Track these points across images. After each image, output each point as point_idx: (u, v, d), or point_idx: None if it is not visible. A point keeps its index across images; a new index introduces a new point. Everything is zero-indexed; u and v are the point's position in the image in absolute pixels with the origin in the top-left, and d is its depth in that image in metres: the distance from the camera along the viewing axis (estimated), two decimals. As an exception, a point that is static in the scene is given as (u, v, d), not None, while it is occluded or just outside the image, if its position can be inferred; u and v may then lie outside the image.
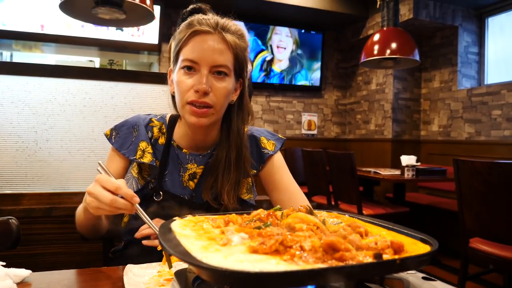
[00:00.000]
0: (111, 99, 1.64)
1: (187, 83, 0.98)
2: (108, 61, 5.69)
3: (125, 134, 1.09)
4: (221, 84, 0.99)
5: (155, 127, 1.12)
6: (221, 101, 1.00)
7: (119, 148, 1.08)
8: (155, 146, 1.10)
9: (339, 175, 3.42)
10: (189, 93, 0.98)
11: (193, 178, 1.10)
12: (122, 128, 1.10)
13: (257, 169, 1.15)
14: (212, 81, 0.98)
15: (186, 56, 0.99)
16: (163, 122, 1.13)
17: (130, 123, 1.11)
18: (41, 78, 1.58)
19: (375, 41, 3.52)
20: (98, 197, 0.81)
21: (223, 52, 0.99)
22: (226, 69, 1.00)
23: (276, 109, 5.48)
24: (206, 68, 0.98)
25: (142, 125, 1.11)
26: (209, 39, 0.98)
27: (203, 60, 0.97)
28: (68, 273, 0.87)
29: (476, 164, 2.21)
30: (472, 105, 4.32)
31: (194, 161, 1.10)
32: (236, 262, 0.42)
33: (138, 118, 1.13)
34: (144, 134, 1.09)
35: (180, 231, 0.58)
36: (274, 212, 0.65)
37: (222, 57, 0.99)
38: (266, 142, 1.17)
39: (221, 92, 0.99)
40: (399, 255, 0.48)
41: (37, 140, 1.57)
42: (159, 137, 1.11)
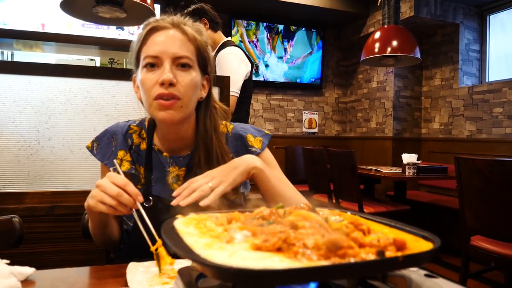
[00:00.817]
0: (112, 97, 1.64)
1: (152, 78, 0.96)
2: (108, 60, 5.69)
3: (105, 145, 1.09)
4: (186, 76, 0.98)
5: (134, 134, 1.11)
6: (188, 92, 0.98)
7: (101, 159, 1.08)
8: (138, 152, 1.09)
9: (340, 173, 3.42)
10: (155, 88, 0.96)
11: (176, 180, 1.08)
12: (102, 138, 1.10)
13: None
14: (177, 74, 0.97)
15: (147, 53, 0.98)
16: (142, 127, 1.12)
17: (109, 132, 1.11)
18: (42, 77, 1.59)
19: (375, 39, 3.51)
20: (106, 189, 0.83)
21: (184, 44, 0.99)
22: (189, 60, 0.99)
23: (276, 107, 5.48)
24: (169, 61, 0.96)
25: (120, 133, 1.10)
26: (167, 33, 0.99)
27: (164, 54, 0.96)
28: (71, 271, 0.88)
29: (477, 162, 2.21)
30: (473, 103, 4.32)
31: (175, 163, 1.09)
32: (240, 259, 0.43)
33: (117, 126, 1.11)
34: (122, 142, 1.08)
35: (183, 229, 0.59)
36: (277, 209, 0.65)
37: (183, 48, 0.98)
38: (253, 139, 1.15)
39: (187, 83, 0.97)
40: (402, 252, 0.48)
41: (39, 139, 1.58)
42: (140, 142, 1.10)
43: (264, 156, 1.14)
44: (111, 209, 0.85)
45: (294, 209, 0.68)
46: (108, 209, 0.85)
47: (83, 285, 0.80)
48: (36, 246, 1.41)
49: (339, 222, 0.64)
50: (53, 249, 1.43)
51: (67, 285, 0.80)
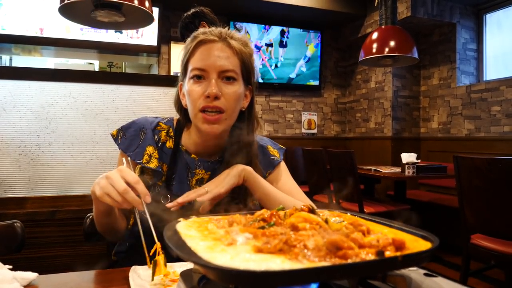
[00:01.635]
0: (112, 102, 1.65)
1: (198, 91, 1.00)
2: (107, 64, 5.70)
3: (132, 136, 1.10)
4: (230, 88, 1.02)
5: (162, 131, 1.13)
6: (232, 105, 1.02)
7: (125, 150, 1.08)
8: (162, 149, 1.11)
9: (339, 173, 3.43)
10: (200, 100, 1.00)
11: (200, 183, 1.10)
12: (129, 129, 1.11)
13: (264, 176, 1.15)
14: (222, 86, 1.01)
15: (194, 65, 1.01)
16: (170, 125, 1.14)
17: (138, 125, 1.12)
18: (42, 82, 1.60)
19: (373, 39, 3.53)
20: (114, 182, 0.83)
21: (229, 57, 1.02)
22: (234, 74, 1.02)
23: (276, 109, 5.49)
24: (215, 74, 1.00)
25: (149, 128, 1.11)
26: (214, 46, 1.02)
27: (211, 67, 1.00)
28: (73, 275, 0.88)
29: (476, 161, 2.22)
30: (471, 102, 4.33)
31: (202, 166, 1.11)
32: (242, 261, 0.43)
33: (145, 120, 1.13)
34: (151, 138, 1.10)
35: (185, 232, 0.59)
36: (277, 212, 0.66)
37: (228, 62, 1.01)
38: (273, 150, 1.21)
39: (231, 96, 1.01)
40: (401, 252, 0.49)
41: (40, 144, 1.58)
42: (167, 140, 1.12)
43: (282, 166, 1.21)
44: (116, 203, 0.86)
45: (294, 210, 0.69)
46: (113, 203, 0.86)
47: (86, 289, 0.80)
48: (37, 250, 1.42)
49: (339, 223, 0.65)
50: (54, 253, 1.44)
51: (70, 289, 0.80)
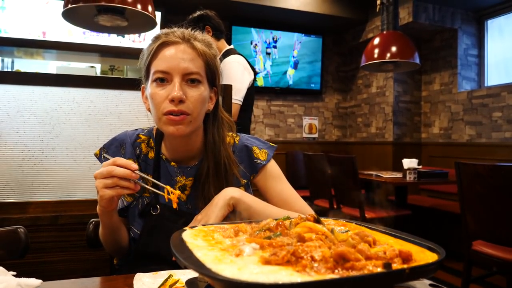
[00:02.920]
0: (116, 107, 1.66)
1: (161, 94, 0.98)
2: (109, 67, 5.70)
3: (114, 153, 1.10)
4: (195, 91, 1.00)
5: (142, 143, 1.12)
6: (197, 108, 1.00)
7: None
8: (146, 161, 1.11)
9: (341, 178, 3.43)
10: (164, 103, 0.98)
11: (183, 190, 1.10)
12: (110, 146, 1.12)
13: (247, 178, 1.15)
14: (186, 89, 0.99)
15: (157, 68, 0.99)
16: (150, 136, 1.14)
17: (118, 141, 1.12)
18: (46, 87, 1.60)
19: (375, 44, 3.54)
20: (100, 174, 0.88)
21: (194, 59, 1.00)
22: (199, 76, 1.01)
23: (277, 113, 5.50)
24: (179, 77, 0.98)
25: (129, 142, 1.11)
26: (177, 48, 1.00)
27: (175, 70, 0.98)
28: (78, 282, 0.88)
29: (478, 167, 2.22)
30: (473, 107, 4.34)
31: (182, 173, 1.10)
32: (250, 273, 0.44)
33: (125, 135, 1.13)
34: (130, 152, 1.10)
35: (192, 241, 0.60)
36: (283, 221, 0.66)
37: (192, 64, 0.99)
38: (259, 151, 1.17)
39: (196, 99, 0.99)
40: (408, 264, 0.49)
41: (43, 149, 1.59)
42: (148, 151, 1.12)
43: (270, 168, 1.16)
44: (116, 189, 0.89)
45: (300, 220, 0.69)
46: (115, 191, 0.89)
47: (90, 296, 0.80)
48: (40, 256, 1.42)
49: (344, 233, 0.65)
50: (57, 258, 1.44)
51: (74, 297, 0.80)
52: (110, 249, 1.10)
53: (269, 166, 1.16)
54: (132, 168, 0.89)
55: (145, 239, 1.05)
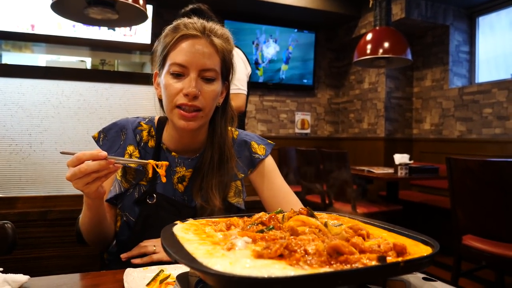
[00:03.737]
0: (106, 100, 1.63)
1: (176, 87, 0.98)
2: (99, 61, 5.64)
3: (113, 137, 1.10)
4: (209, 87, 1.00)
5: (144, 131, 1.12)
6: (209, 104, 1.02)
7: (106, 151, 1.07)
8: (145, 149, 1.11)
9: (333, 174, 3.43)
10: (178, 96, 0.98)
11: (181, 181, 1.10)
12: (110, 131, 1.11)
13: (245, 173, 1.16)
14: (201, 85, 0.99)
15: (174, 60, 0.99)
16: (151, 125, 1.14)
17: (119, 126, 1.11)
18: (34, 80, 1.57)
19: (367, 40, 3.54)
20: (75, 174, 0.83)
21: (211, 56, 1.00)
22: (214, 73, 1.01)
23: (269, 108, 5.49)
24: (195, 72, 0.98)
25: (130, 128, 1.11)
26: (197, 43, 0.99)
27: (192, 64, 0.98)
28: (66, 277, 0.87)
29: (469, 163, 2.23)
30: (464, 104, 4.37)
31: (183, 164, 1.11)
32: (242, 267, 0.42)
33: (126, 121, 1.13)
34: (132, 138, 1.10)
35: (183, 235, 0.58)
36: (276, 215, 0.65)
37: (210, 61, 0.99)
38: (257, 146, 1.19)
39: (210, 95, 1.00)
40: (402, 257, 0.49)
41: (31, 143, 1.56)
42: (148, 140, 1.12)
43: (267, 163, 1.18)
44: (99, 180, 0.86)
45: (292, 213, 0.68)
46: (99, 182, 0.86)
47: (79, 292, 0.79)
48: (29, 251, 1.39)
49: (337, 226, 0.65)
50: (46, 254, 1.41)
51: (63, 292, 0.79)
52: (94, 240, 1.08)
53: (267, 161, 1.18)
54: (101, 157, 0.85)
55: (139, 228, 1.06)
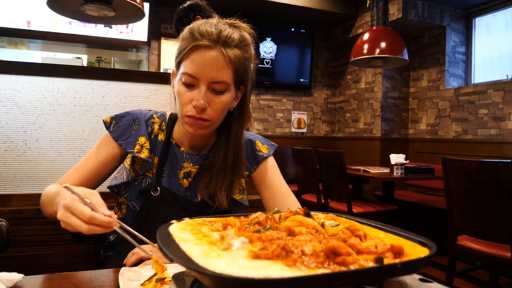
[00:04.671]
0: (102, 98, 1.62)
1: (187, 96, 0.99)
2: (96, 58, 5.61)
3: (125, 126, 1.10)
4: (219, 98, 1.00)
5: (155, 124, 1.14)
6: (218, 115, 1.02)
7: (116, 138, 1.09)
8: (155, 142, 1.12)
9: (329, 173, 3.44)
10: (188, 106, 0.99)
11: (187, 176, 1.12)
12: (122, 119, 1.12)
13: (249, 171, 1.18)
14: (211, 96, 0.99)
15: (186, 70, 0.99)
16: (163, 119, 1.16)
17: (132, 115, 1.12)
18: (30, 77, 1.56)
19: (364, 40, 3.54)
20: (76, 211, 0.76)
21: (223, 69, 0.98)
22: (225, 85, 1.00)
23: (265, 107, 5.49)
24: (205, 84, 0.98)
25: (143, 120, 1.12)
26: (209, 54, 0.97)
27: (202, 76, 0.97)
28: (61, 276, 0.86)
29: (464, 163, 2.24)
30: (459, 104, 4.39)
31: (190, 160, 1.12)
32: (239, 268, 0.42)
33: (140, 112, 1.14)
34: (144, 129, 1.11)
35: (179, 235, 0.58)
36: (273, 215, 0.65)
37: (221, 74, 0.98)
38: (261, 145, 1.21)
39: (219, 106, 1.01)
40: (400, 258, 0.49)
41: (26, 140, 1.55)
42: (159, 133, 1.14)
43: (270, 162, 1.20)
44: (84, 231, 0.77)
45: (289, 213, 0.68)
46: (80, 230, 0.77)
47: (74, 291, 0.78)
48: (23, 249, 1.38)
49: (334, 227, 0.64)
50: (41, 252, 1.40)
51: (57, 291, 0.78)
52: None
53: (270, 161, 1.20)
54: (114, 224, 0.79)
55: (142, 218, 1.07)
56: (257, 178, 1.18)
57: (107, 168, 1.10)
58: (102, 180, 1.12)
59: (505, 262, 2.10)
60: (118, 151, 1.10)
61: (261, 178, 1.18)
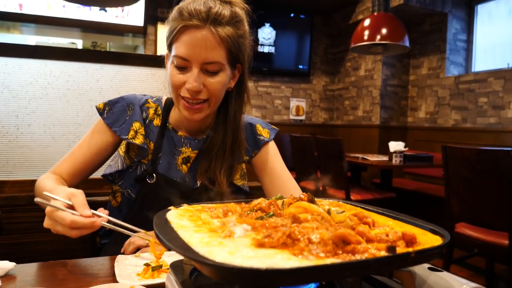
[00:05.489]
0: (96, 82, 1.57)
1: (179, 78, 0.96)
2: (91, 44, 5.52)
3: (119, 111, 1.07)
4: (214, 79, 0.96)
5: (150, 108, 1.10)
6: (216, 94, 0.98)
7: (110, 124, 1.05)
8: (149, 127, 1.09)
9: (327, 160, 3.42)
10: (182, 89, 0.96)
11: (186, 162, 1.09)
12: (116, 104, 1.08)
13: (250, 156, 1.15)
14: (205, 78, 0.96)
15: (177, 52, 0.95)
16: (159, 104, 1.12)
17: (126, 101, 1.08)
18: (21, 59, 1.50)
19: (365, 26, 3.48)
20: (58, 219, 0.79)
21: (214, 49, 0.94)
22: (218, 65, 0.96)
23: (264, 94, 5.43)
24: (197, 65, 0.94)
25: (137, 105, 1.08)
26: (199, 34, 0.92)
27: (193, 58, 0.93)
28: (54, 264, 0.83)
29: (465, 151, 2.22)
30: (459, 93, 4.35)
31: (189, 145, 1.09)
32: (243, 258, 0.39)
33: (134, 97, 1.10)
34: (138, 114, 1.07)
35: (177, 222, 0.55)
36: (276, 201, 0.62)
37: (212, 54, 0.94)
38: (262, 129, 1.17)
39: (215, 87, 0.97)
40: (412, 247, 0.46)
41: (19, 125, 1.50)
42: (154, 118, 1.10)
43: (271, 146, 1.17)
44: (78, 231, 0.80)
45: (293, 199, 0.65)
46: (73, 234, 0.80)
47: (68, 281, 0.75)
48: (16, 237, 1.35)
49: (339, 214, 0.61)
50: (35, 240, 1.37)
51: (50, 281, 0.75)
52: None
53: (271, 145, 1.17)
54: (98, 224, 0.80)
55: (138, 206, 1.04)
56: (258, 163, 1.15)
57: (101, 155, 1.07)
58: (96, 167, 1.09)
59: (503, 250, 2.09)
60: (112, 139, 1.06)
61: (262, 163, 1.15)
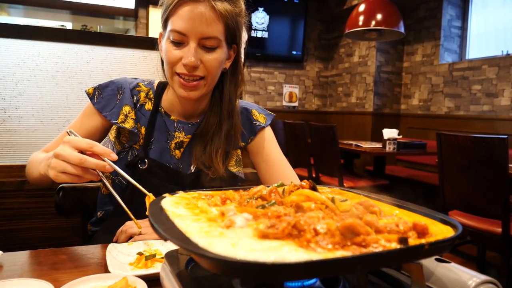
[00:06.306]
0: (86, 64, 1.52)
1: (175, 54, 0.92)
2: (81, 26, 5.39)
3: (109, 96, 1.03)
4: (211, 55, 0.93)
5: (142, 92, 1.07)
6: (212, 72, 0.95)
7: (100, 109, 1.02)
8: (140, 111, 1.05)
9: (320, 147, 3.40)
10: (178, 65, 0.93)
11: (179, 147, 1.06)
12: (106, 88, 1.04)
13: (246, 142, 1.12)
14: (202, 54, 0.92)
15: (174, 27, 0.91)
16: (150, 88, 1.08)
17: (116, 84, 1.05)
18: (7, 40, 1.44)
19: (360, 11, 3.43)
20: (67, 158, 0.76)
21: (213, 23, 0.91)
22: (216, 41, 0.93)
23: (257, 80, 5.38)
24: (195, 40, 0.91)
25: (127, 88, 1.05)
26: (197, 8, 0.89)
27: (191, 32, 0.90)
28: (44, 252, 0.80)
29: (459, 138, 2.21)
30: (453, 80, 4.34)
31: (182, 129, 1.06)
32: (247, 250, 0.36)
33: (124, 80, 1.07)
34: (129, 98, 1.04)
35: (173, 210, 0.52)
36: (276, 188, 0.59)
37: (211, 29, 0.91)
38: (258, 115, 1.15)
39: (212, 63, 0.94)
40: (424, 238, 0.43)
41: (6, 108, 1.45)
42: (146, 102, 1.06)
43: (267, 132, 1.15)
44: (75, 178, 0.78)
45: (294, 187, 0.62)
46: (73, 179, 0.78)
47: (57, 270, 0.72)
48: (4, 223, 1.31)
49: (343, 201, 0.59)
50: (24, 226, 1.34)
51: (39, 270, 0.72)
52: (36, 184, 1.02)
53: (267, 131, 1.15)
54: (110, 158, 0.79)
55: (129, 193, 1.00)
56: (254, 149, 1.12)
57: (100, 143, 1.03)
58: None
59: (496, 237, 2.11)
60: (102, 123, 1.03)
61: (258, 149, 1.12)
